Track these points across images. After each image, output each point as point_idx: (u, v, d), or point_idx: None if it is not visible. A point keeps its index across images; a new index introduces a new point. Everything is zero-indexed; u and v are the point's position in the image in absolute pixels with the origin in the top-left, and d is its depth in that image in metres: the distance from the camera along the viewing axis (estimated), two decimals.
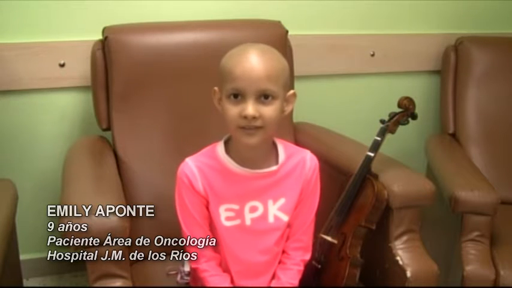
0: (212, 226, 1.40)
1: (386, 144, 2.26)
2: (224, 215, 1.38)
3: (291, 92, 1.36)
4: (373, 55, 2.38)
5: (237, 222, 1.39)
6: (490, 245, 1.78)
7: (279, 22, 2.01)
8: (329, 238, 1.56)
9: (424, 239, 1.62)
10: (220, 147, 1.39)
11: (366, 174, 1.59)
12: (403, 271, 1.53)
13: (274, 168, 1.39)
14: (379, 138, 1.63)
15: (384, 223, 1.60)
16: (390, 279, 1.58)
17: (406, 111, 1.67)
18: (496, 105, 2.27)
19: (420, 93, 2.54)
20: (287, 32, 2.00)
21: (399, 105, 1.68)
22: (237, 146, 1.36)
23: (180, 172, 1.38)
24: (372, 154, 1.60)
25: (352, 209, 1.57)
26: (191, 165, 1.38)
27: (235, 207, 1.38)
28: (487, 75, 2.27)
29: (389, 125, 1.65)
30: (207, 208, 1.39)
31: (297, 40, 2.05)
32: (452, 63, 2.33)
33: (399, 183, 1.59)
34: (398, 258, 1.56)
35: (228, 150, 1.38)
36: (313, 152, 1.48)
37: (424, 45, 2.45)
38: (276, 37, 1.94)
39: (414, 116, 1.69)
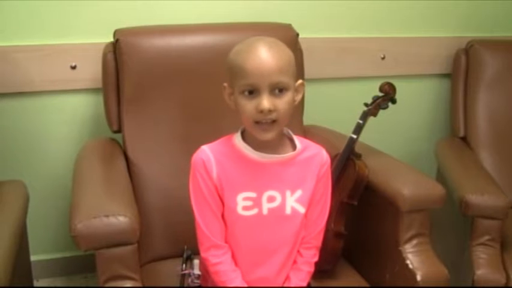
0: (227, 215, 1.40)
1: (396, 147, 2.26)
2: (241, 204, 1.37)
3: (300, 81, 1.37)
4: (383, 58, 2.38)
5: (254, 211, 1.38)
6: (500, 249, 1.78)
7: (290, 25, 2.01)
8: None
9: (433, 242, 1.62)
10: (237, 136, 1.40)
11: (349, 155, 1.71)
12: (413, 275, 1.53)
13: (291, 153, 1.40)
14: (361, 121, 1.75)
15: (393, 226, 1.60)
16: (400, 283, 1.58)
17: (386, 95, 1.77)
18: (507, 108, 2.25)
19: (431, 96, 2.54)
20: (298, 34, 2.00)
21: (380, 90, 1.79)
22: (253, 136, 1.36)
23: (195, 157, 1.38)
24: (354, 136, 1.72)
25: (336, 186, 1.65)
26: (207, 151, 1.38)
27: (253, 195, 1.37)
28: (498, 78, 2.26)
29: (371, 108, 1.76)
30: (220, 198, 1.39)
31: (307, 43, 2.05)
32: (463, 66, 2.32)
33: (409, 187, 1.59)
34: (408, 261, 1.56)
35: (244, 139, 1.39)
36: None
37: (435, 49, 2.44)
38: (287, 40, 1.91)
39: (394, 101, 1.79)
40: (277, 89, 1.28)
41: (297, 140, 1.43)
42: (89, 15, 2.01)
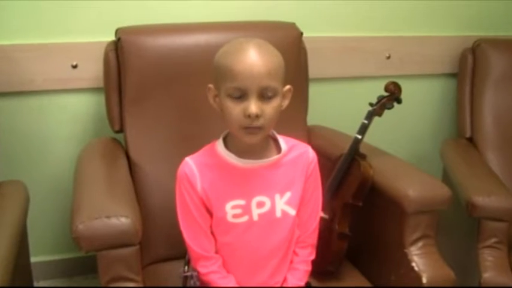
0: (218, 225, 1.40)
1: (402, 147, 2.25)
2: (231, 212, 1.37)
3: (287, 87, 1.35)
4: (388, 58, 2.38)
5: (244, 218, 1.38)
6: (508, 252, 1.77)
7: (294, 24, 2.01)
8: (321, 213, 1.58)
9: (439, 244, 1.62)
10: (219, 144, 1.39)
11: (354, 155, 1.70)
12: (419, 277, 1.53)
13: (276, 156, 1.39)
14: (366, 121, 1.74)
15: (398, 228, 1.60)
16: (405, 286, 1.57)
17: (391, 95, 1.77)
18: None
19: (436, 96, 2.54)
20: (302, 33, 1.99)
21: (386, 90, 1.78)
22: (237, 140, 1.35)
23: (180, 171, 1.38)
24: (359, 136, 1.72)
25: (341, 187, 1.69)
26: (191, 164, 1.38)
27: (242, 202, 1.37)
28: (505, 78, 2.25)
29: (376, 108, 1.76)
30: (207, 210, 1.39)
31: (311, 42, 2.05)
32: (469, 66, 2.32)
33: (415, 188, 1.58)
34: (413, 264, 1.55)
35: (227, 146, 1.39)
36: (328, 155, 1.48)
37: (441, 48, 2.44)
38: (291, 39, 1.94)
39: (399, 101, 1.78)
40: (266, 94, 1.26)
41: (282, 141, 1.42)
42: (90, 13, 2.01)
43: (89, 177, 1.63)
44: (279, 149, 1.41)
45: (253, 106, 1.25)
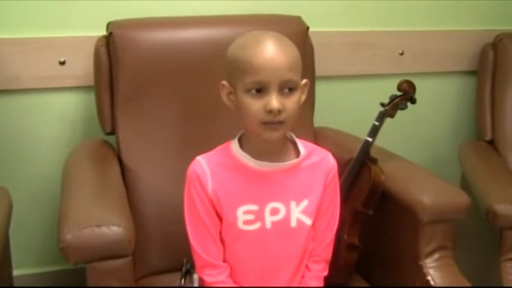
0: (227, 232, 1.40)
1: (416, 151, 2.24)
2: (242, 218, 1.38)
3: (304, 81, 1.37)
4: (401, 54, 2.38)
5: (256, 226, 1.38)
6: None
7: (300, 18, 2.01)
8: None
9: (457, 257, 1.61)
10: (234, 144, 1.40)
11: (364, 159, 1.70)
12: None
13: (295, 160, 1.40)
14: (377, 123, 1.74)
15: (413, 238, 1.59)
16: None
17: (405, 95, 1.76)
18: None
19: (454, 95, 2.54)
20: (308, 28, 2.00)
21: (399, 89, 1.77)
22: (254, 141, 1.37)
23: (189, 170, 1.39)
24: (370, 139, 1.71)
25: (350, 194, 1.69)
26: (202, 164, 1.39)
27: (255, 207, 1.38)
28: None
29: (388, 109, 1.75)
30: (217, 214, 1.39)
31: (318, 37, 2.06)
32: (490, 62, 2.32)
33: (430, 195, 1.58)
34: (429, 277, 1.55)
35: (242, 147, 1.39)
36: (336, 159, 1.48)
37: (459, 43, 2.44)
38: (296, 34, 1.93)
39: (413, 100, 1.77)
40: (287, 88, 1.28)
41: (301, 145, 1.43)
42: (79, 6, 2.01)
43: (78, 183, 1.63)
44: (297, 153, 1.42)
45: (274, 101, 1.26)
